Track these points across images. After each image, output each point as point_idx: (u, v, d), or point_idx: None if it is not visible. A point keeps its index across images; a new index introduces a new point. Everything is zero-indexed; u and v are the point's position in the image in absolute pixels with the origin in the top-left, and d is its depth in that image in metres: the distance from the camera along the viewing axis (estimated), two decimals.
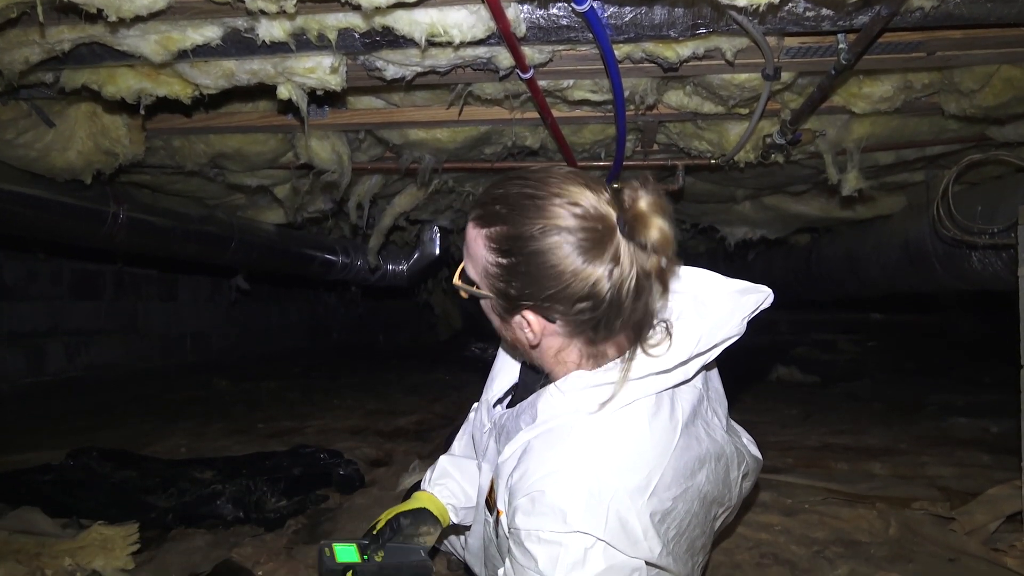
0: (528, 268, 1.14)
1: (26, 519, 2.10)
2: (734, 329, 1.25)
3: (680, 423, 1.24)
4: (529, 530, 1.12)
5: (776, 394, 5.17)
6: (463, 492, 1.62)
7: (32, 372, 4.55)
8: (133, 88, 2.09)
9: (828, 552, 2.07)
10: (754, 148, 2.77)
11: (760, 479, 2.70)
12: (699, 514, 1.29)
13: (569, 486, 1.12)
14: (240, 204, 3.96)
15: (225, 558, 2.08)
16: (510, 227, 1.14)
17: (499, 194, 1.18)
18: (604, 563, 1.10)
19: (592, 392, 1.20)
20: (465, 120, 2.62)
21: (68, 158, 2.65)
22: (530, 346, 1.23)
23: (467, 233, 1.23)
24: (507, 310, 1.21)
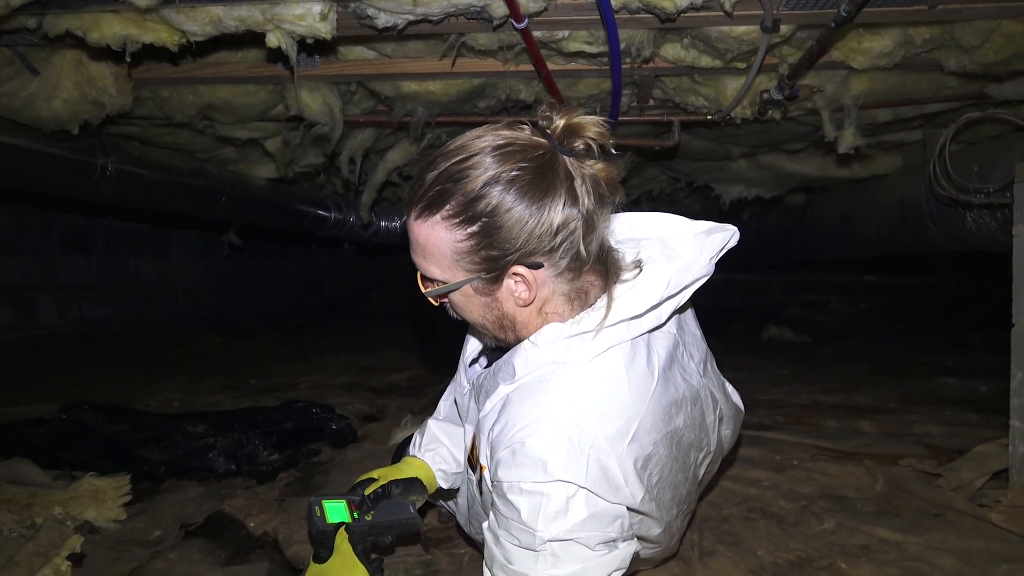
0: (502, 222, 1.12)
1: (17, 470, 2.10)
2: (703, 270, 1.26)
3: (657, 368, 1.25)
4: (511, 482, 1.13)
5: (767, 353, 5.20)
6: (452, 458, 1.64)
7: (23, 326, 4.53)
8: (118, 34, 2.04)
9: (815, 507, 2.08)
10: (751, 104, 2.73)
11: (750, 436, 2.75)
12: (679, 459, 1.31)
13: (549, 436, 1.12)
14: (231, 158, 3.91)
15: (217, 509, 2.09)
16: (461, 196, 1.12)
17: (432, 177, 1.14)
18: (587, 511, 1.11)
19: (567, 343, 1.20)
20: (458, 72, 2.58)
21: (54, 107, 2.60)
22: (523, 306, 1.21)
23: (416, 235, 1.18)
24: (494, 279, 1.18)
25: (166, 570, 1.73)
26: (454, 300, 1.25)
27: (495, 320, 1.25)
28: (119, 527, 1.94)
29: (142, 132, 3.37)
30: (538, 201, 1.12)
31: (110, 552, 1.80)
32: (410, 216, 1.18)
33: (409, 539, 1.56)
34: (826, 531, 1.93)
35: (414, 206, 1.17)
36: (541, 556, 1.10)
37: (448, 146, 1.17)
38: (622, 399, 1.18)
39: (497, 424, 1.20)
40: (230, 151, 3.77)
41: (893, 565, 1.71)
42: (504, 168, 1.11)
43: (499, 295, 1.21)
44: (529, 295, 1.19)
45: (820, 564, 1.73)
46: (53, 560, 1.32)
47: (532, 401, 1.17)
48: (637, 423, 1.17)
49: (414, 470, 1.60)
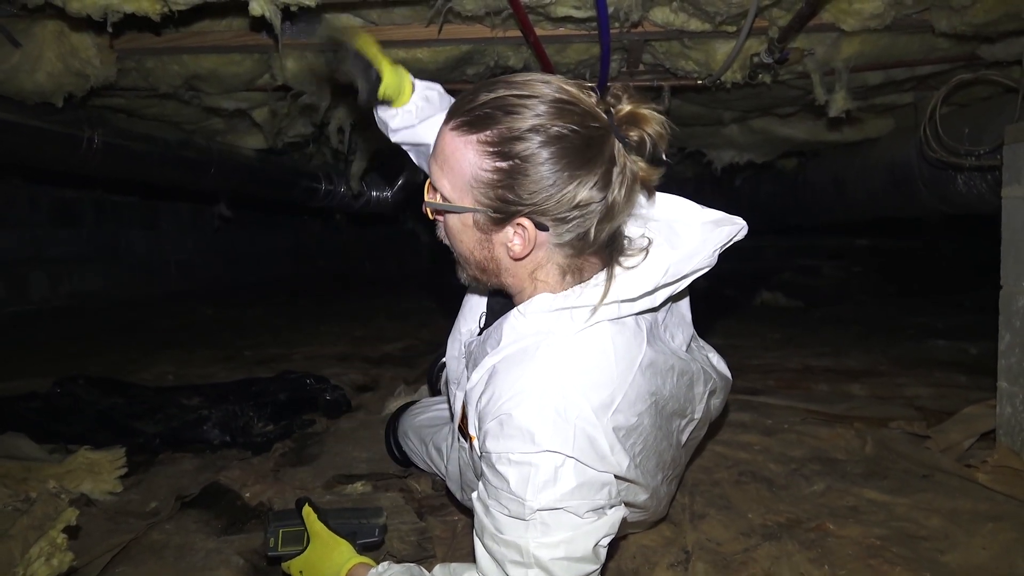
0: (530, 171, 1.10)
1: (11, 444, 2.10)
2: (704, 261, 1.26)
3: (644, 341, 1.25)
4: (500, 452, 1.13)
5: (760, 318, 5.22)
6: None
7: (15, 301, 4.53)
8: (99, 4, 2.01)
9: (805, 470, 2.11)
10: (741, 68, 2.71)
11: (741, 400, 2.77)
12: (663, 427, 1.32)
13: (536, 407, 1.13)
14: (219, 129, 3.88)
15: (213, 480, 2.10)
16: (506, 128, 1.09)
17: (487, 98, 1.12)
18: (575, 480, 1.11)
19: (556, 315, 1.20)
20: (445, 39, 2.55)
21: (37, 79, 2.57)
22: (514, 259, 1.19)
23: (445, 144, 1.15)
24: (498, 221, 1.16)
25: (163, 541, 1.75)
26: (450, 223, 1.22)
27: (481, 260, 1.24)
28: (115, 499, 1.96)
29: (128, 103, 3.33)
30: (572, 170, 1.10)
31: (106, 524, 1.81)
32: (446, 124, 1.16)
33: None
34: (815, 493, 1.95)
35: (456, 117, 1.14)
36: (531, 525, 1.11)
37: (513, 77, 1.15)
38: (608, 371, 1.18)
39: (484, 395, 1.20)
40: (218, 122, 3.74)
41: (881, 526, 1.74)
42: (556, 122, 1.09)
43: (495, 238, 1.19)
44: (522, 250, 1.17)
45: (809, 526, 1.75)
46: (49, 533, 1.33)
47: (518, 371, 1.17)
48: (622, 395, 1.18)
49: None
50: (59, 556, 1.35)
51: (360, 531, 1.45)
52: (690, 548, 1.66)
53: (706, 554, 1.63)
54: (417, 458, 2.09)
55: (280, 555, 1.42)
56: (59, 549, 1.35)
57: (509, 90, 1.11)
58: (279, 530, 1.44)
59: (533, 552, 1.11)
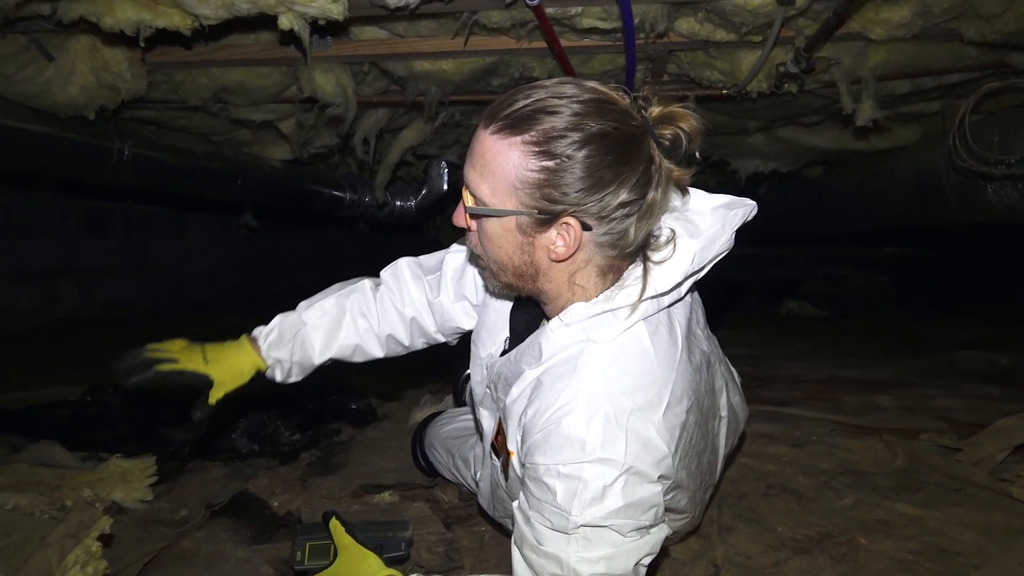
0: (576, 168, 1.10)
1: (46, 452, 2.14)
2: (725, 244, 1.27)
3: (680, 337, 1.26)
4: (548, 464, 1.13)
5: (786, 328, 5.19)
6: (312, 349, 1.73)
7: (46, 309, 4.58)
8: (132, 19, 2.04)
9: (835, 482, 2.09)
10: (767, 77, 2.70)
11: (768, 412, 2.75)
12: (702, 426, 1.33)
13: (583, 415, 1.13)
14: (245, 140, 3.92)
15: (241, 489, 2.12)
16: (550, 127, 1.09)
17: (527, 101, 1.11)
18: (622, 499, 1.11)
19: (592, 322, 1.20)
20: (471, 50, 2.56)
21: (70, 93, 2.61)
22: (556, 260, 1.18)
23: (485, 149, 1.14)
24: (543, 222, 1.14)
25: (193, 549, 1.77)
26: (488, 230, 1.19)
27: (520, 264, 1.21)
28: (146, 507, 1.98)
29: (157, 116, 3.38)
30: (616, 167, 1.11)
31: (138, 532, 1.84)
32: (485, 129, 1.14)
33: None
34: (845, 506, 1.93)
35: (494, 121, 1.13)
36: (573, 539, 1.10)
37: (547, 81, 1.15)
38: (651, 370, 1.19)
39: (530, 408, 1.20)
40: (245, 133, 3.78)
41: (913, 540, 1.72)
42: (598, 120, 1.10)
43: (538, 241, 1.17)
44: (566, 252, 1.16)
45: (840, 539, 1.74)
46: (84, 541, 1.35)
47: (563, 383, 1.17)
48: (668, 392, 1.19)
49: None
50: (93, 564, 1.37)
51: (387, 544, 1.45)
52: (719, 562, 1.65)
53: (735, 568, 1.62)
54: (444, 469, 2.09)
55: (308, 569, 1.43)
56: (94, 557, 1.37)
57: (547, 92, 1.12)
58: (306, 544, 1.45)
59: (573, 566, 1.10)
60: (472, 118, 3.66)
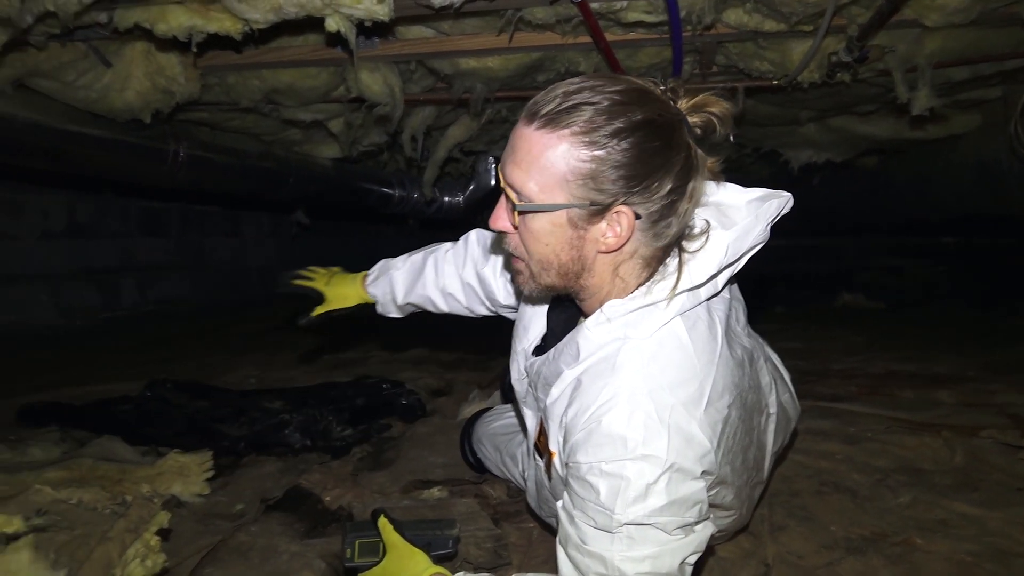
0: (627, 155, 1.09)
1: (108, 447, 2.21)
2: (759, 236, 1.25)
3: (719, 331, 1.25)
4: (591, 463, 1.13)
5: (841, 321, 5.08)
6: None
7: (108, 307, 4.73)
8: (184, 25, 2.10)
9: (890, 480, 2.04)
10: (818, 67, 2.64)
11: (822, 407, 2.70)
12: (746, 421, 1.32)
13: (624, 412, 1.12)
14: (296, 139, 3.99)
15: (294, 484, 2.16)
16: (596, 117, 1.09)
17: (568, 93, 1.11)
18: (666, 498, 1.10)
19: (629, 318, 1.20)
20: (516, 47, 2.56)
21: (127, 98, 2.70)
22: (605, 252, 1.17)
23: (529, 144, 1.12)
24: (595, 213, 1.13)
25: (249, 543, 1.80)
26: (536, 227, 1.17)
27: (567, 261, 1.19)
28: (203, 501, 2.03)
29: (211, 117, 3.46)
30: (663, 154, 1.11)
31: (196, 525, 1.89)
32: (528, 125, 1.12)
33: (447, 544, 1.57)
34: (901, 505, 1.89)
35: (537, 116, 1.11)
36: (617, 538, 1.10)
37: (584, 76, 1.15)
38: (690, 365, 1.18)
39: (571, 408, 1.20)
40: (295, 133, 3.84)
41: (972, 541, 1.67)
42: (641, 109, 1.10)
43: (588, 234, 1.16)
44: (616, 242, 1.16)
45: (895, 539, 1.70)
46: (143, 535, 1.39)
47: (602, 381, 1.17)
48: (709, 386, 1.18)
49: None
50: (153, 557, 1.41)
51: (434, 542, 1.47)
52: (770, 561, 1.63)
53: (787, 568, 1.60)
54: (492, 465, 2.10)
55: (357, 566, 1.45)
56: (153, 551, 1.41)
57: (586, 85, 1.12)
58: (356, 541, 1.47)
59: (618, 565, 1.10)
60: (518, 114, 3.66)
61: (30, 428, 2.64)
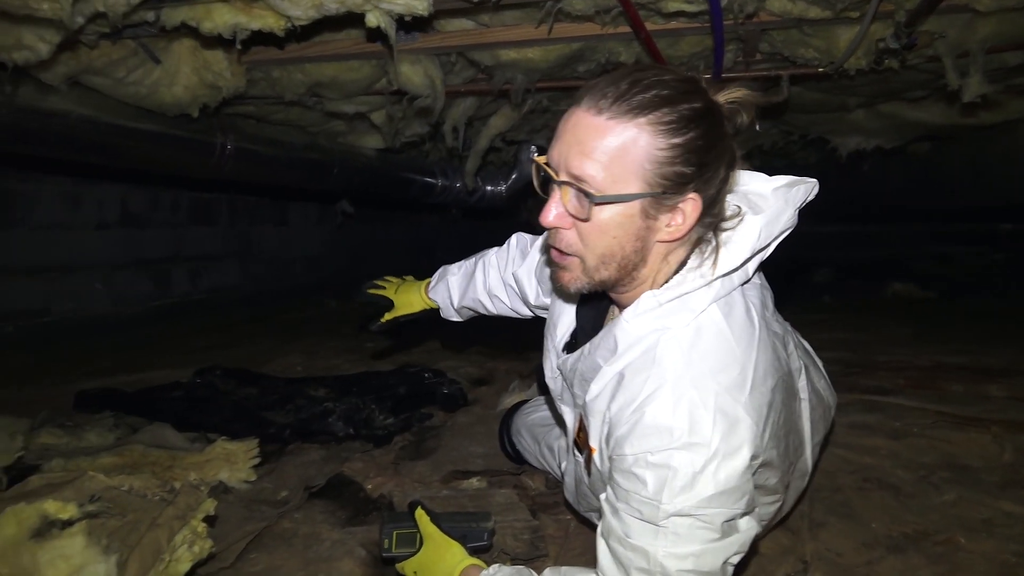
0: (700, 143, 1.11)
1: (159, 434, 2.28)
2: (789, 221, 1.26)
3: (756, 316, 1.25)
4: (637, 455, 1.13)
5: (889, 311, 4.98)
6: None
7: (159, 295, 4.86)
8: (229, 23, 2.13)
9: (935, 477, 2.01)
10: (865, 54, 2.58)
11: (866, 400, 2.67)
12: (788, 405, 1.32)
13: (669, 402, 1.13)
14: (340, 130, 4.03)
15: (337, 472, 2.20)
16: (671, 106, 1.10)
17: (634, 81, 1.10)
18: (713, 487, 1.10)
19: (666, 308, 1.20)
20: (555, 38, 2.55)
21: (175, 93, 2.76)
22: (669, 240, 1.18)
23: (603, 134, 1.09)
24: (670, 199, 1.13)
25: (292, 529, 1.85)
26: (602, 220, 1.14)
27: (630, 253, 1.18)
28: (249, 488, 2.09)
29: (256, 110, 3.52)
30: (723, 140, 1.16)
31: (242, 511, 1.94)
32: (595, 114, 1.10)
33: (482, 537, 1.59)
34: (946, 503, 1.86)
35: (606, 105, 1.09)
36: (662, 532, 1.10)
37: (637, 65, 1.19)
38: (730, 350, 1.18)
39: (614, 402, 1.20)
40: (339, 124, 3.88)
41: (1018, 541, 1.64)
42: (700, 97, 1.14)
43: (656, 223, 1.15)
44: (683, 229, 1.16)
45: (937, 538, 1.68)
46: (191, 522, 1.44)
47: (644, 373, 1.17)
48: (751, 370, 1.18)
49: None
50: (200, 543, 1.46)
51: (470, 534, 1.49)
52: (808, 558, 1.62)
53: (825, 565, 1.59)
54: (530, 456, 2.12)
55: (394, 556, 1.48)
56: (200, 537, 1.46)
57: (647, 73, 1.13)
58: (393, 532, 1.50)
59: (661, 561, 1.10)
60: (560, 103, 3.65)
61: (86, 414, 2.74)
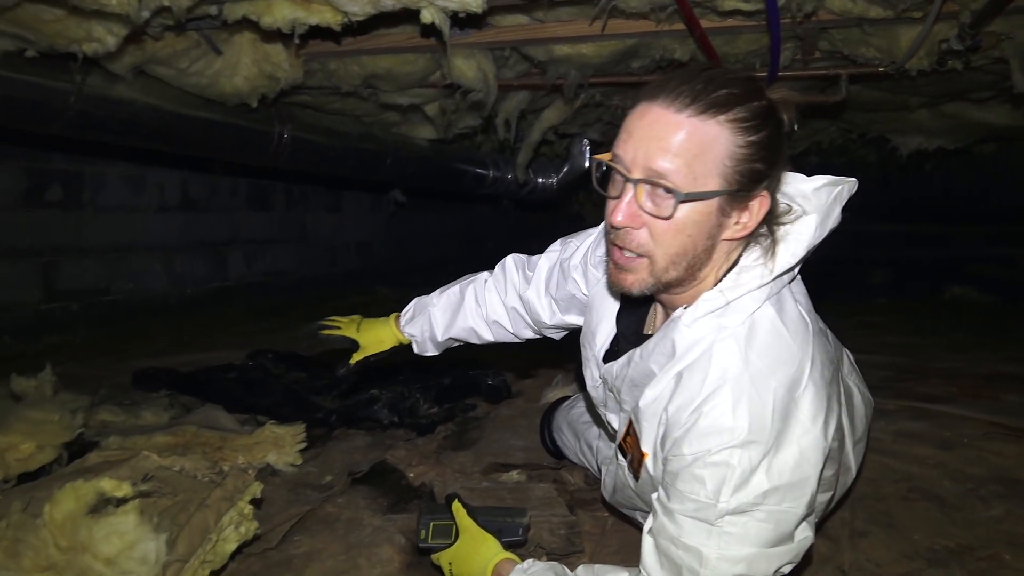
0: (773, 141, 1.14)
1: (211, 416, 2.36)
2: (837, 220, 1.26)
3: (804, 311, 1.26)
4: (696, 454, 1.13)
5: (946, 315, 4.86)
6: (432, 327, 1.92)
7: (216, 277, 4.99)
8: (288, 17, 2.18)
9: (983, 490, 1.97)
10: (928, 54, 2.52)
11: (916, 408, 2.62)
12: (838, 398, 1.31)
13: (729, 402, 1.13)
14: (394, 121, 4.08)
15: (381, 459, 2.25)
16: (749, 104, 1.12)
17: (709, 79, 1.11)
18: (767, 483, 1.10)
19: (724, 310, 1.20)
20: (609, 34, 2.55)
21: (235, 83, 2.83)
22: (735, 237, 1.18)
23: (684, 131, 1.09)
24: (742, 199, 1.14)
25: (335, 514, 1.90)
26: (681, 218, 1.13)
27: (700, 252, 1.18)
28: (296, 471, 2.14)
29: (313, 100, 3.58)
30: (784, 139, 1.18)
31: (287, 494, 2.00)
32: (675, 111, 1.10)
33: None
34: (992, 518, 1.83)
35: (685, 102, 1.10)
36: (715, 532, 1.10)
37: (700, 63, 1.21)
38: (786, 346, 1.18)
39: (671, 404, 1.20)
40: (393, 115, 3.93)
41: None
42: (765, 96, 1.16)
43: (728, 221, 1.16)
44: (750, 226, 1.17)
45: (981, 553, 1.65)
46: (238, 504, 1.49)
47: (702, 374, 1.17)
48: (808, 365, 1.18)
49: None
50: (246, 524, 1.51)
51: (505, 529, 1.51)
52: (846, 568, 1.61)
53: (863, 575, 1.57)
54: (570, 452, 2.14)
55: (430, 547, 1.51)
56: (246, 518, 1.51)
57: (718, 72, 1.15)
58: (430, 523, 1.53)
59: (713, 563, 1.10)
60: (613, 98, 3.64)
61: (143, 392, 2.84)
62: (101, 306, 4.15)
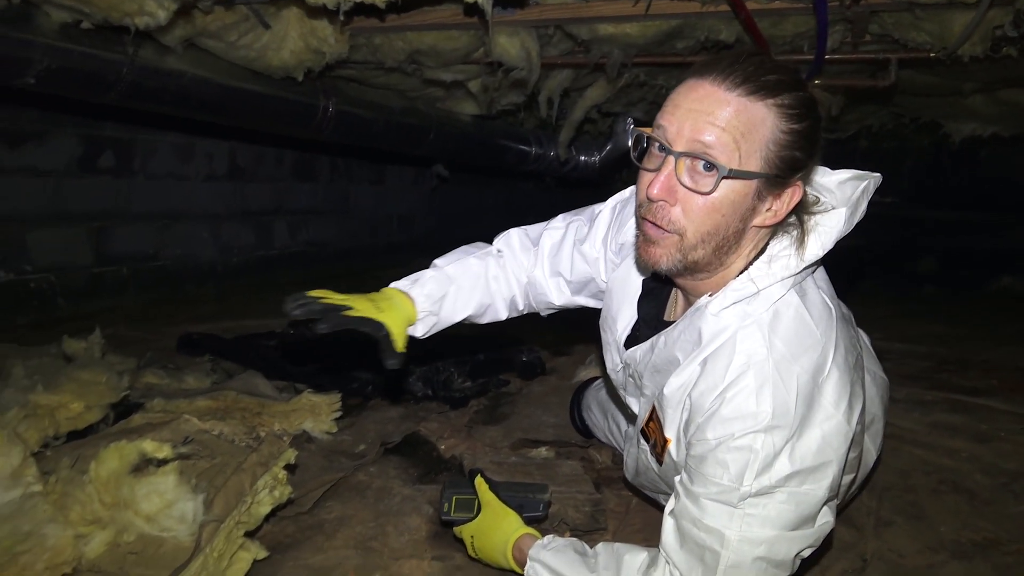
0: (813, 131, 1.16)
1: (251, 382, 2.43)
2: (862, 214, 1.26)
3: (827, 298, 1.27)
4: (720, 438, 1.14)
5: (993, 306, 4.75)
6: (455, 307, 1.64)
7: (261, 246, 5.09)
8: None
9: (1016, 485, 1.95)
10: (982, 40, 2.46)
11: (953, 400, 2.59)
12: (861, 383, 1.30)
13: (753, 387, 1.14)
14: (438, 96, 4.09)
15: (413, 430, 2.30)
16: (793, 92, 1.13)
17: (760, 63, 1.13)
18: (789, 466, 1.12)
19: (749, 300, 1.21)
20: (654, 14, 2.53)
21: (282, 57, 2.87)
22: (767, 224, 1.19)
23: (735, 109, 1.10)
24: (779, 184, 1.16)
25: (367, 482, 1.96)
26: (719, 196, 1.14)
27: (731, 234, 1.18)
28: (330, 439, 2.20)
29: (358, 74, 3.61)
30: (821, 133, 1.19)
31: (322, 461, 2.06)
32: (727, 89, 1.11)
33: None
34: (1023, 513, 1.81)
35: (738, 81, 1.11)
36: (737, 514, 1.12)
37: (750, 48, 1.21)
38: (810, 332, 1.19)
39: (695, 389, 1.21)
40: (437, 91, 3.94)
41: None
42: (807, 87, 1.17)
43: (762, 206, 1.18)
44: (781, 214, 1.19)
45: (1008, 548, 1.64)
46: (272, 469, 1.55)
47: (726, 359, 1.18)
48: (832, 351, 1.19)
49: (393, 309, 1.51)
50: (280, 489, 1.57)
51: (526, 504, 1.54)
52: (868, 556, 1.61)
53: (884, 565, 1.58)
54: (599, 431, 2.16)
55: (453, 520, 1.55)
56: (280, 483, 1.56)
57: (766, 59, 1.16)
58: (453, 497, 1.57)
59: (735, 545, 1.12)
60: (657, 78, 3.61)
61: (187, 356, 2.93)
62: (150, 271, 4.26)
